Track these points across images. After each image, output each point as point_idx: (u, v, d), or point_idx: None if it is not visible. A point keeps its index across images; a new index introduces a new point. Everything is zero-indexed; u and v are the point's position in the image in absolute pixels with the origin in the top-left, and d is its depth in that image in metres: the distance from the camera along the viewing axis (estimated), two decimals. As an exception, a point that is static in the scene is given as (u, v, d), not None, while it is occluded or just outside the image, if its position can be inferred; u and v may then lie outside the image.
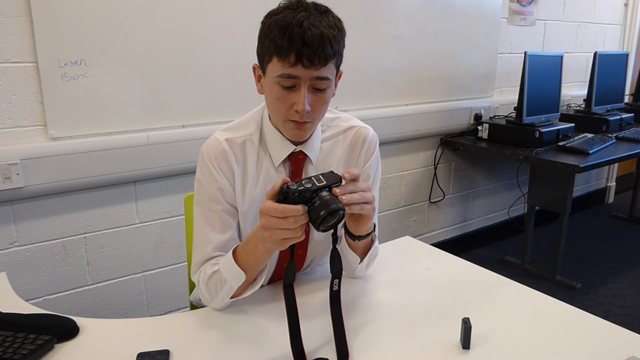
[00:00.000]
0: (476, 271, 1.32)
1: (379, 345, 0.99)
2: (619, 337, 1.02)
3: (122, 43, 1.80)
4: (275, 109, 1.06)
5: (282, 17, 0.97)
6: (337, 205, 0.87)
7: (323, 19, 0.98)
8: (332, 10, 1.03)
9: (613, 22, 3.92)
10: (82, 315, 1.10)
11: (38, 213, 1.78)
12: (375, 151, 1.24)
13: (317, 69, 0.98)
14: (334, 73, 1.04)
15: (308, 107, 1.01)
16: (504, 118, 3.11)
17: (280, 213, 0.87)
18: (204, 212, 1.13)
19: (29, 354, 0.90)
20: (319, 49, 0.96)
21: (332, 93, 1.08)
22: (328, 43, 0.97)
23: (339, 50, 1.02)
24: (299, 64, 0.97)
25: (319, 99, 1.03)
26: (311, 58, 0.96)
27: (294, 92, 1.01)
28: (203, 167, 1.12)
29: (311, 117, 1.05)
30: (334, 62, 1.02)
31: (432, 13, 2.70)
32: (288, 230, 0.88)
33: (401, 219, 2.94)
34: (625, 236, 3.62)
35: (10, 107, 1.67)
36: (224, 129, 1.15)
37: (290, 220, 0.87)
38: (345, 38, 1.05)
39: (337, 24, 1.01)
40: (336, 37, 0.99)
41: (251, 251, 1.01)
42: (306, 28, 0.95)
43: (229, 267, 1.04)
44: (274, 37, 0.97)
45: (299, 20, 0.95)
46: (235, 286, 1.05)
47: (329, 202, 0.87)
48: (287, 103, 1.02)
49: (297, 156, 1.14)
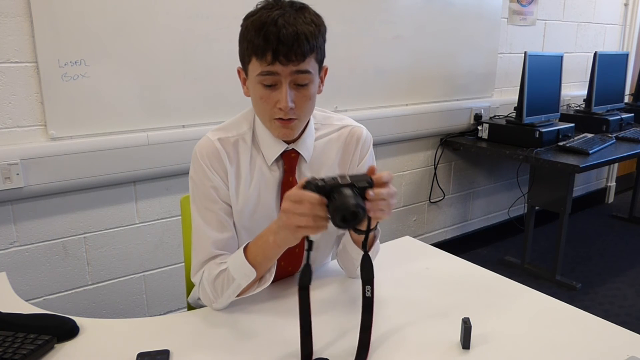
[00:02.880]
0: (476, 271, 1.32)
1: (379, 344, 0.98)
2: (619, 337, 1.02)
3: (122, 43, 1.80)
4: (260, 109, 1.07)
5: (257, 18, 0.98)
6: (356, 202, 0.85)
7: (298, 15, 0.99)
8: (309, 7, 1.03)
9: (613, 22, 3.92)
10: (82, 315, 1.10)
11: (38, 213, 1.78)
12: (369, 150, 1.24)
13: (295, 65, 0.99)
14: (315, 67, 1.04)
15: (291, 104, 1.02)
16: (504, 118, 3.11)
17: (295, 197, 0.89)
18: (201, 211, 1.13)
19: (29, 354, 0.90)
20: (294, 46, 0.96)
21: (319, 90, 1.08)
22: (304, 39, 0.97)
23: (318, 45, 1.02)
24: (276, 61, 0.98)
25: (302, 95, 1.03)
26: (288, 55, 0.97)
27: (276, 90, 1.02)
28: (196, 167, 1.13)
29: (297, 114, 1.05)
30: (314, 56, 1.02)
31: (432, 13, 2.70)
32: (303, 217, 0.88)
33: (401, 219, 2.94)
34: (625, 236, 3.62)
35: (10, 107, 1.67)
36: (216, 128, 1.15)
37: (305, 205, 0.87)
38: (325, 33, 1.05)
39: (314, 19, 1.01)
40: (313, 33, 0.99)
41: (261, 246, 1.02)
42: (281, 26, 0.96)
43: (239, 265, 1.04)
44: (251, 38, 0.98)
45: (273, 18, 0.96)
46: (243, 284, 1.05)
47: (347, 199, 0.86)
48: (271, 102, 1.03)
49: (289, 155, 1.14)
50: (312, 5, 1.04)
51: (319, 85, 1.09)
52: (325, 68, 1.10)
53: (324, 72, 1.10)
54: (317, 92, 1.08)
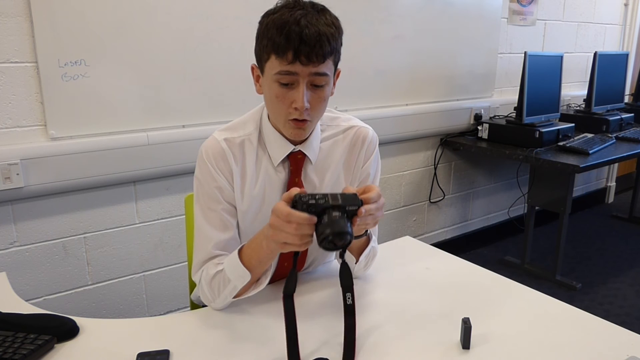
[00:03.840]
0: (476, 271, 1.32)
1: (378, 345, 0.98)
2: (619, 337, 1.02)
3: (122, 43, 1.80)
4: (274, 108, 1.06)
5: (279, 16, 0.98)
6: (345, 229, 0.83)
7: (320, 17, 0.99)
8: (328, 9, 1.03)
9: (613, 22, 3.92)
10: (82, 315, 1.10)
11: (38, 213, 1.78)
12: (375, 151, 1.24)
13: (315, 66, 0.98)
14: (332, 70, 1.04)
15: (307, 104, 1.01)
16: (504, 118, 3.11)
17: (285, 217, 0.88)
18: (204, 211, 1.13)
19: (29, 354, 0.90)
20: (316, 47, 0.96)
21: (331, 92, 1.08)
22: (325, 40, 0.97)
23: (337, 48, 1.02)
24: (297, 61, 0.97)
25: (317, 96, 1.03)
26: (309, 55, 0.97)
27: (292, 90, 1.01)
28: (202, 167, 1.12)
29: (310, 115, 1.05)
30: (332, 59, 1.02)
31: (432, 13, 2.70)
32: (290, 235, 0.88)
33: (401, 219, 2.94)
34: (625, 236, 3.62)
35: (10, 107, 1.67)
36: (222, 129, 1.15)
37: (293, 226, 0.87)
38: (342, 36, 1.05)
39: (334, 22, 1.01)
40: (334, 35, 0.99)
41: (255, 250, 1.02)
42: (303, 26, 0.95)
43: (234, 267, 1.04)
44: (272, 36, 0.98)
45: (296, 18, 0.96)
46: (239, 286, 1.05)
47: (337, 224, 0.84)
48: (287, 101, 1.02)
49: (296, 156, 1.14)
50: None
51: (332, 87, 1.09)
52: (339, 71, 1.10)
53: (337, 75, 1.10)
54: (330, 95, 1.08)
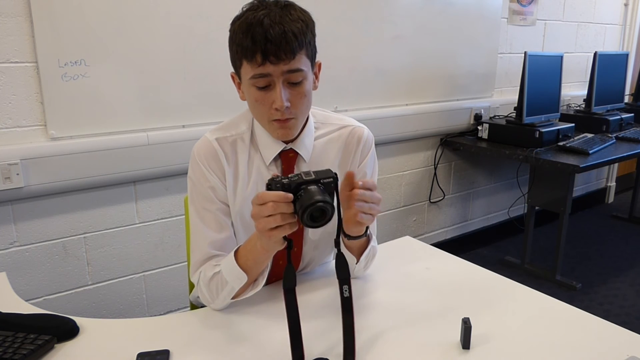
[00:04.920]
0: (476, 271, 1.31)
1: (379, 345, 0.98)
2: (619, 337, 1.02)
3: (122, 43, 1.80)
4: (257, 112, 1.06)
5: (244, 20, 0.98)
6: (324, 199, 0.83)
7: (284, 13, 0.98)
8: (295, 4, 1.02)
9: (613, 22, 3.91)
10: (82, 315, 1.10)
11: (38, 213, 1.78)
12: (370, 150, 1.23)
13: (286, 63, 0.98)
14: (307, 64, 1.03)
15: (287, 103, 1.01)
16: (504, 118, 3.11)
17: (259, 199, 0.87)
18: (199, 211, 1.13)
19: (29, 354, 0.90)
20: (282, 43, 0.96)
21: (315, 86, 1.08)
22: (292, 36, 0.96)
23: (307, 41, 1.01)
24: (267, 62, 0.97)
25: (296, 93, 1.03)
26: (277, 54, 0.96)
27: (270, 91, 1.01)
28: (194, 167, 1.13)
29: (293, 113, 1.04)
30: (304, 53, 1.01)
31: (432, 13, 2.70)
32: (270, 218, 0.86)
33: (401, 219, 2.94)
34: (625, 236, 3.62)
35: (10, 107, 1.67)
36: (214, 128, 1.15)
37: (269, 206, 0.86)
38: (314, 28, 1.04)
39: (300, 16, 1.00)
40: (301, 29, 0.98)
41: (250, 251, 1.02)
42: (267, 26, 0.95)
43: (231, 269, 1.04)
44: (240, 41, 0.98)
45: (259, 19, 0.96)
46: (236, 287, 1.05)
47: (313, 194, 0.83)
48: (266, 103, 1.02)
49: (287, 154, 1.14)
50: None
51: (314, 81, 1.09)
52: (319, 63, 1.09)
53: (317, 68, 1.09)
54: (313, 89, 1.08)
